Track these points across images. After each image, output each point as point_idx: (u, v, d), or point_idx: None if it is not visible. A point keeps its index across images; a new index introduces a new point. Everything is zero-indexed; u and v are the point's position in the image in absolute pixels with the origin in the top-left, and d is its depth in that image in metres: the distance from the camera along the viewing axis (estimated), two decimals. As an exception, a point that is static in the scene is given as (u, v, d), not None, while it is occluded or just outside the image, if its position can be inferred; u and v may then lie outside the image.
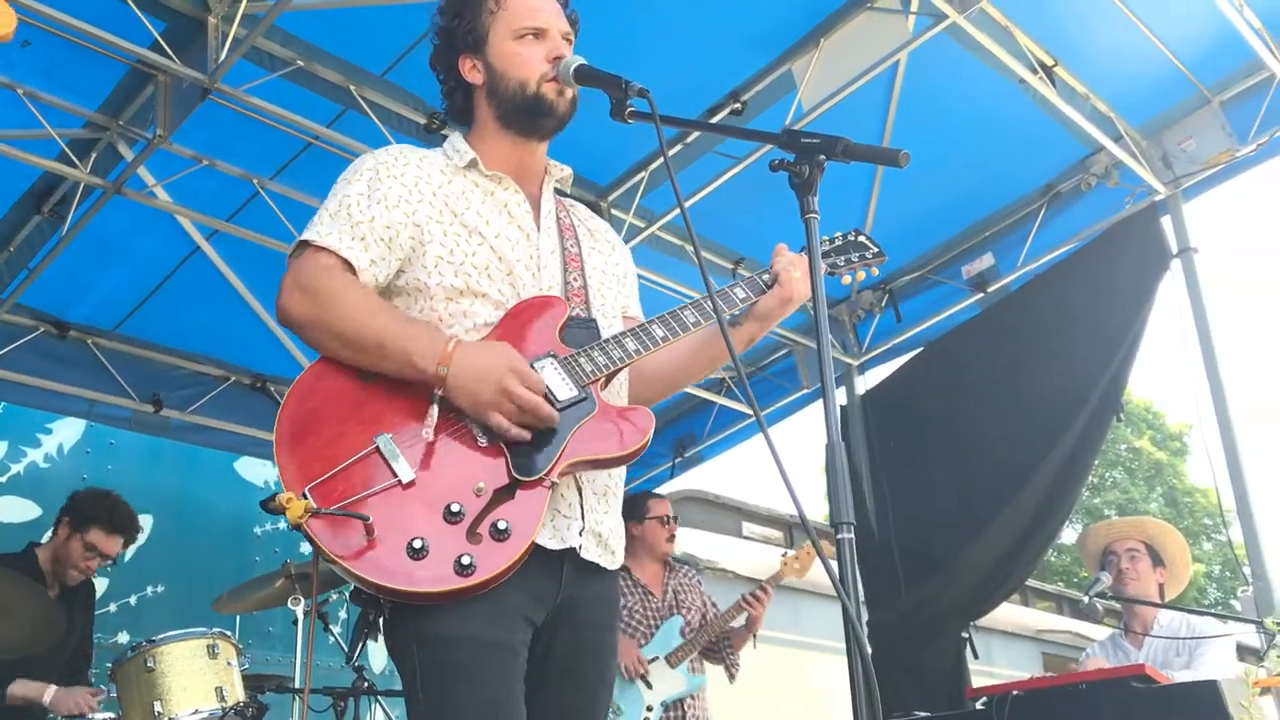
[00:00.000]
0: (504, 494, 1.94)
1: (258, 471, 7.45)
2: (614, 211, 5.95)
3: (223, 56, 4.47)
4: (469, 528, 1.90)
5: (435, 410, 1.99)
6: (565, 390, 2.06)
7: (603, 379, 2.13)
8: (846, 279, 2.61)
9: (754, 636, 5.51)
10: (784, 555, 5.58)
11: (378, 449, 1.94)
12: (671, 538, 5.56)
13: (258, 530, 7.44)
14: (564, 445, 2.01)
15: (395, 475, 1.92)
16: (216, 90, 4.56)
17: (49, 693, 4.36)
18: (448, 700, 1.91)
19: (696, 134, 5.51)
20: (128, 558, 6.58)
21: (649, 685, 5.16)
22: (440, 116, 5.15)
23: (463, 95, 2.37)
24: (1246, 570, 5.25)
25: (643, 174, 5.81)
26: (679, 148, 5.56)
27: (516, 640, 1.99)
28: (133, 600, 6.67)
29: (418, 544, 1.86)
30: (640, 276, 2.59)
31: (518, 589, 1.96)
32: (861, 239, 2.67)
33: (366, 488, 1.90)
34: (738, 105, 5.35)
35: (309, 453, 1.93)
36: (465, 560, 1.86)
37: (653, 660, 5.23)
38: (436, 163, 2.27)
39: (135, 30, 4.38)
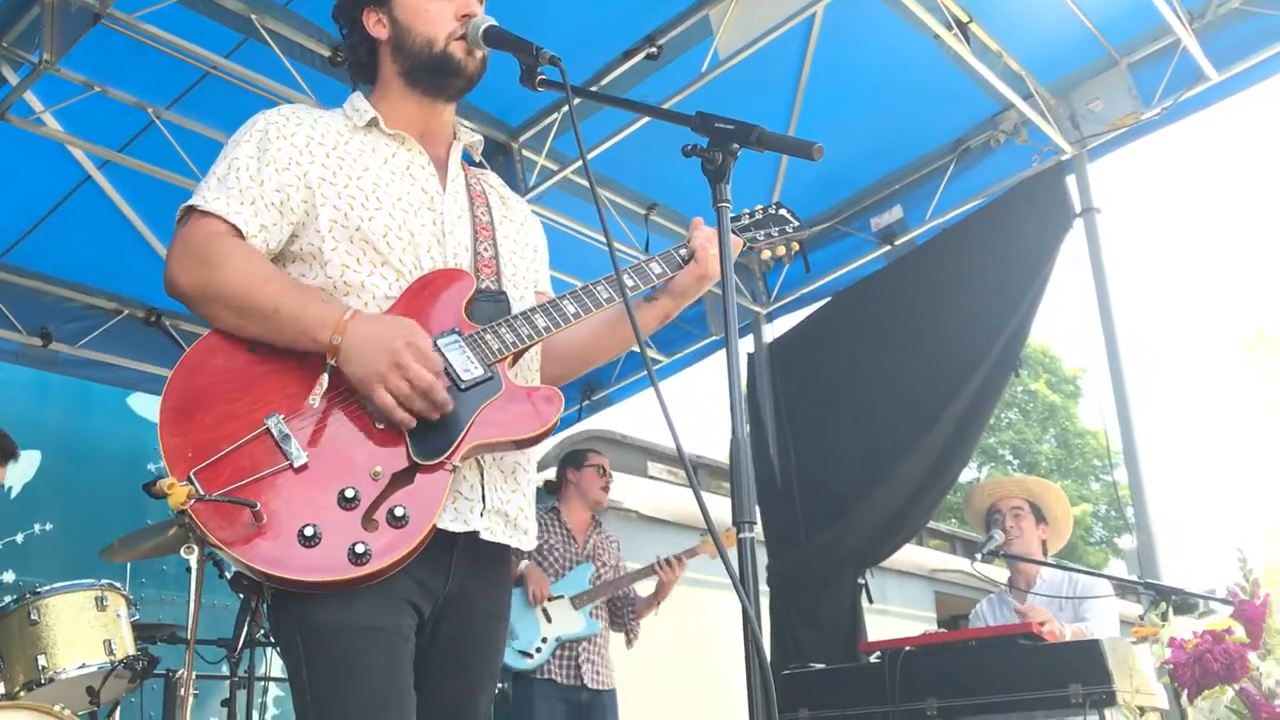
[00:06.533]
0: (403, 478, 1.86)
1: (151, 407, 7.21)
2: (525, 153, 5.84)
3: (115, -20, 4.24)
4: (365, 514, 1.81)
5: (325, 379, 1.89)
6: (470, 369, 1.97)
7: (510, 357, 2.05)
8: (766, 254, 2.52)
9: (658, 606, 5.62)
10: (704, 537, 5.69)
11: (268, 430, 1.84)
12: (606, 488, 5.72)
13: (152, 467, 7.23)
14: (467, 427, 1.92)
15: (287, 458, 1.83)
16: (108, 15, 4.33)
17: None
18: (336, 691, 1.84)
19: (611, 77, 5.40)
20: (14, 495, 6.40)
21: (548, 619, 5.24)
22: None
23: (366, 50, 2.25)
24: (1130, 512, 5.44)
25: (555, 115, 5.69)
26: (592, 89, 5.45)
27: (404, 626, 1.93)
28: (19, 538, 6.46)
29: (309, 531, 1.77)
30: (553, 220, 2.50)
31: (405, 577, 1.88)
32: (782, 212, 2.57)
33: (255, 471, 1.80)
34: (654, 50, 5.24)
35: (195, 434, 1.83)
36: (360, 549, 1.78)
37: (558, 598, 5.32)
38: (334, 123, 2.16)
39: (19, -51, 4.14)
